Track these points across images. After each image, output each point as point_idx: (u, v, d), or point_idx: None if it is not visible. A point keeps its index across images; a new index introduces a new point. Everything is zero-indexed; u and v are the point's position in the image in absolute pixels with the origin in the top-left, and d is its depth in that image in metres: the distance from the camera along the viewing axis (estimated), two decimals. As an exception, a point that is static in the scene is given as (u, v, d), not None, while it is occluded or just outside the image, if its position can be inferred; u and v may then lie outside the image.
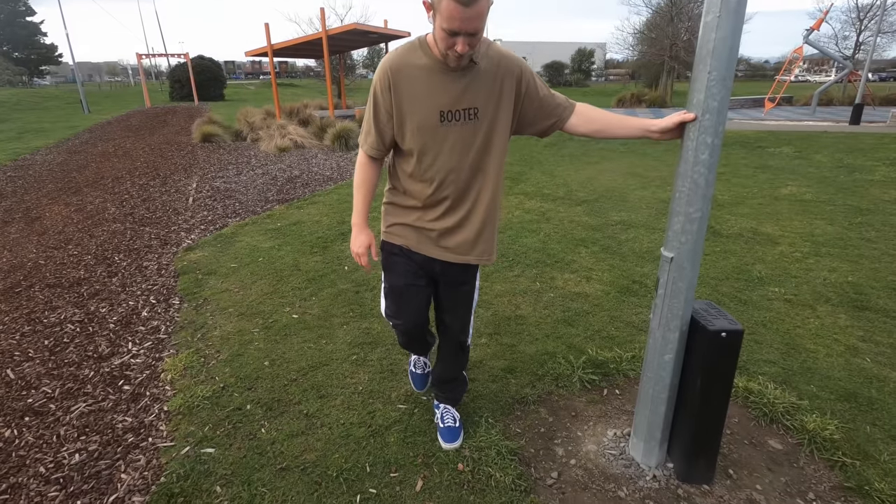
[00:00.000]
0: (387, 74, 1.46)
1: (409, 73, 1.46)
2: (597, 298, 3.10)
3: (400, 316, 1.79)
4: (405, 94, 1.47)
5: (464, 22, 1.28)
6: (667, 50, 21.46)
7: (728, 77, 1.35)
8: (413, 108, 1.48)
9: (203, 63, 25.85)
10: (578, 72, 40.56)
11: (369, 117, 1.55)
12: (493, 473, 1.74)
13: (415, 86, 1.47)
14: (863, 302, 2.99)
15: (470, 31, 1.30)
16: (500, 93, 1.50)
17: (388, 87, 1.47)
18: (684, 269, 1.52)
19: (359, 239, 1.69)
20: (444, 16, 1.28)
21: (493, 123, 1.53)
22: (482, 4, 1.28)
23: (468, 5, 1.25)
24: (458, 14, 1.26)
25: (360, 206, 1.67)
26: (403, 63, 1.46)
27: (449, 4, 1.25)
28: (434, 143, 1.52)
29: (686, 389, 1.66)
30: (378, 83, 1.49)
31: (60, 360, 2.57)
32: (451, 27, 1.29)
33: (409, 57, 1.46)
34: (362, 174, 1.64)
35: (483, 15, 1.30)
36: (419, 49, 1.46)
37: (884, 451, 1.83)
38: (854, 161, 7.28)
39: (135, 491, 1.72)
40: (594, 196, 5.62)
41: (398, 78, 1.46)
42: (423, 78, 1.46)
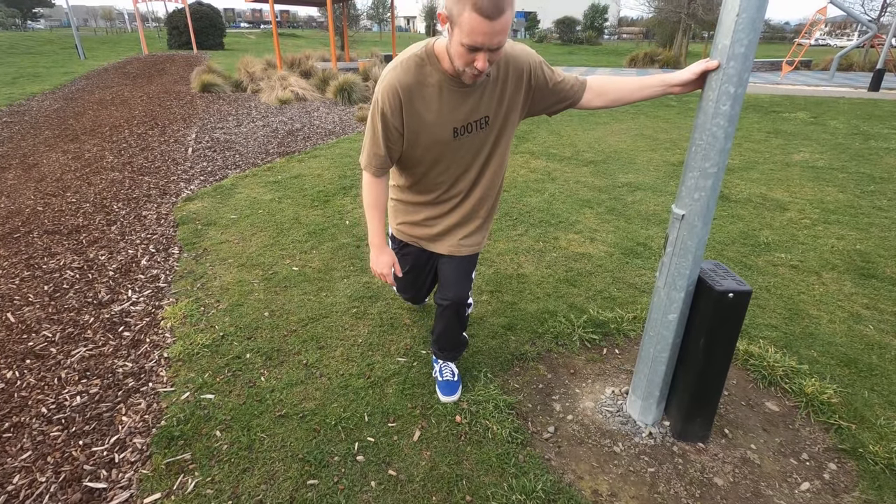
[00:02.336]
0: (397, 95, 1.35)
1: (420, 92, 1.36)
2: (600, 259, 3.06)
3: (408, 292, 2.10)
4: (417, 115, 1.39)
5: (487, 36, 1.15)
6: (684, 7, 20.55)
7: (758, 20, 1.26)
8: (426, 129, 1.42)
9: (201, 10, 24.87)
10: (591, 29, 39.03)
11: (375, 138, 1.44)
12: (491, 426, 1.76)
13: (427, 105, 1.38)
14: (869, 270, 2.96)
15: (494, 45, 1.18)
16: (510, 97, 1.44)
17: (398, 107, 1.37)
18: (695, 228, 1.47)
19: (380, 260, 1.63)
20: (466, 30, 1.15)
21: (503, 126, 1.50)
22: (508, 16, 1.15)
23: (494, 18, 1.12)
24: (482, 28, 1.14)
25: (377, 226, 1.59)
26: (413, 82, 1.35)
27: (472, 17, 1.12)
28: (445, 156, 1.49)
29: (688, 349, 1.64)
30: (387, 103, 1.36)
31: (60, 306, 2.57)
32: (474, 42, 1.16)
33: (418, 74, 1.35)
34: (373, 194, 1.55)
35: (508, 28, 1.18)
36: (427, 64, 1.35)
37: (880, 415, 1.84)
38: (870, 129, 7.09)
39: (136, 433, 1.74)
40: (602, 157, 5.50)
41: (409, 98, 1.36)
42: (435, 97, 1.37)
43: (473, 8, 1.11)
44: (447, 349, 1.94)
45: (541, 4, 47.60)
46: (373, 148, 1.46)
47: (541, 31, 43.14)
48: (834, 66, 14.84)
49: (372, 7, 39.76)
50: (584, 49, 33.29)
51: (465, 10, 1.13)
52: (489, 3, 1.11)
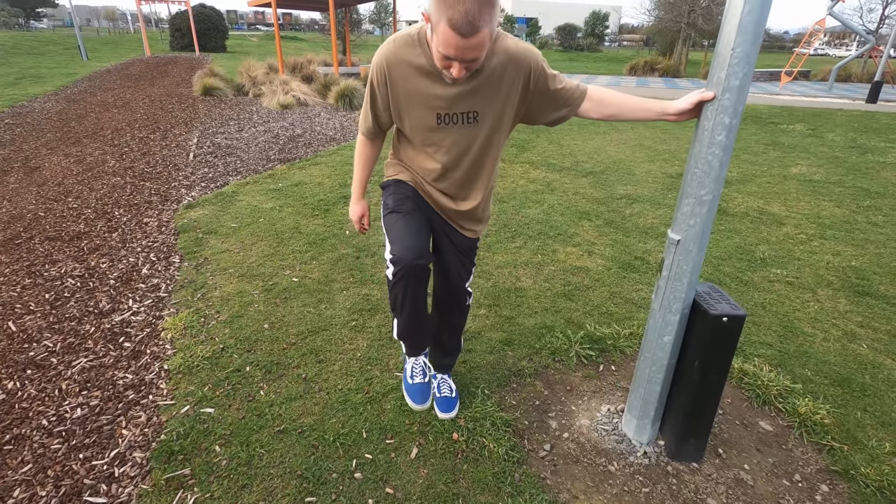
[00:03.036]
0: (382, 69, 1.40)
1: (405, 71, 1.38)
2: (598, 273, 3.09)
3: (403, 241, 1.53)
4: (401, 91, 1.42)
5: (461, 51, 1.17)
6: (684, 16, 20.69)
7: (752, 54, 1.29)
8: (409, 107, 1.44)
9: (204, 12, 24.99)
10: (591, 36, 39.24)
11: (367, 104, 1.53)
12: (487, 444, 1.78)
13: (410, 85, 1.40)
14: (864, 287, 2.99)
15: (468, 59, 1.20)
16: (505, 95, 1.42)
17: (384, 80, 1.42)
18: (690, 253, 1.50)
19: (354, 208, 1.79)
20: (441, 40, 1.17)
21: (495, 125, 1.47)
22: (483, 35, 1.15)
23: (468, 36, 1.14)
24: (455, 43, 1.15)
25: (359, 178, 1.75)
26: (400, 59, 1.38)
27: (446, 31, 1.14)
28: (433, 141, 1.50)
29: (683, 370, 1.66)
30: (375, 75, 1.43)
31: (61, 315, 2.59)
32: (447, 54, 1.19)
33: (407, 53, 1.37)
34: (362, 153, 1.68)
35: (483, 45, 1.18)
36: (417, 45, 1.36)
37: (872, 436, 1.86)
38: (867, 142, 7.14)
39: (136, 447, 1.76)
40: (601, 168, 5.54)
41: (394, 74, 1.39)
42: (419, 78, 1.38)
43: (448, 23, 1.13)
44: (444, 356, 1.96)
45: (542, 11, 47.85)
46: (365, 113, 1.55)
47: (542, 38, 43.32)
48: (832, 77, 14.95)
49: (374, 11, 39.93)
50: (585, 56, 33.45)
51: (441, 20, 1.15)
52: (463, 21, 1.11)
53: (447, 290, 1.83)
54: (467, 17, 1.11)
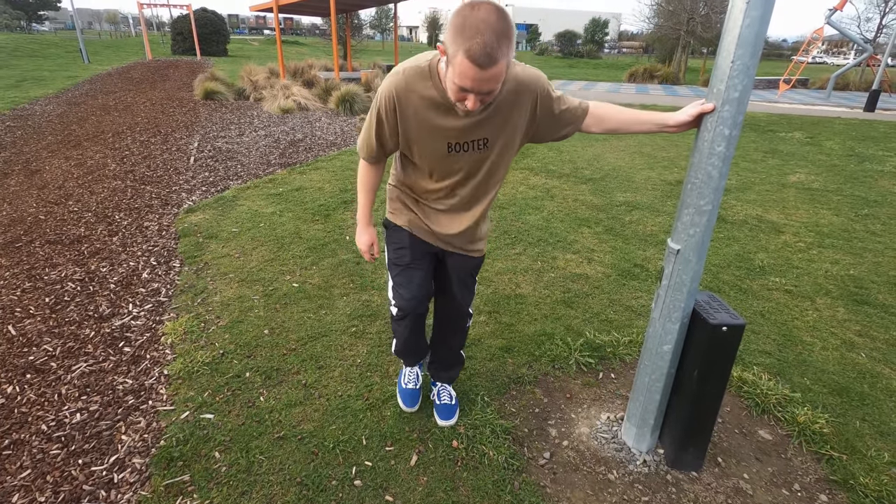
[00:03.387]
0: (392, 98, 1.38)
1: (416, 102, 1.38)
2: (597, 281, 3.10)
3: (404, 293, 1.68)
4: (412, 122, 1.41)
5: (477, 82, 1.17)
6: (683, 24, 20.82)
7: (752, 66, 1.30)
8: (420, 138, 1.44)
9: (206, 15, 25.07)
10: (591, 42, 39.43)
11: (370, 131, 1.48)
12: (487, 451, 1.78)
13: (421, 116, 1.40)
14: (862, 296, 3.00)
15: (484, 91, 1.20)
16: (515, 121, 1.45)
17: (393, 109, 1.40)
18: (690, 262, 1.51)
19: (362, 237, 1.74)
20: (457, 71, 1.17)
21: (504, 149, 1.50)
22: (501, 66, 1.15)
23: (485, 67, 1.13)
24: (472, 74, 1.15)
25: (364, 205, 1.69)
26: (410, 90, 1.36)
27: (463, 62, 1.14)
28: (442, 167, 1.52)
29: (682, 379, 1.67)
30: (383, 104, 1.40)
31: (61, 319, 2.59)
32: (463, 85, 1.19)
33: (417, 84, 1.36)
34: (364, 177, 1.64)
35: (500, 77, 1.18)
36: (428, 77, 1.35)
37: (871, 446, 1.86)
38: (865, 150, 7.18)
39: (135, 453, 1.75)
40: (600, 174, 5.56)
41: (404, 105, 1.38)
42: (431, 110, 1.38)
43: (466, 54, 1.13)
44: (446, 367, 1.97)
45: (542, 17, 48.11)
46: (367, 138, 1.51)
47: (542, 44, 43.53)
48: (830, 86, 15.03)
49: (375, 17, 40.12)
50: (585, 62, 33.60)
51: (458, 52, 1.15)
52: (482, 52, 1.12)
53: (449, 313, 1.84)
54: (485, 48, 1.11)
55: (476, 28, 1.11)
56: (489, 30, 1.11)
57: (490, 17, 1.12)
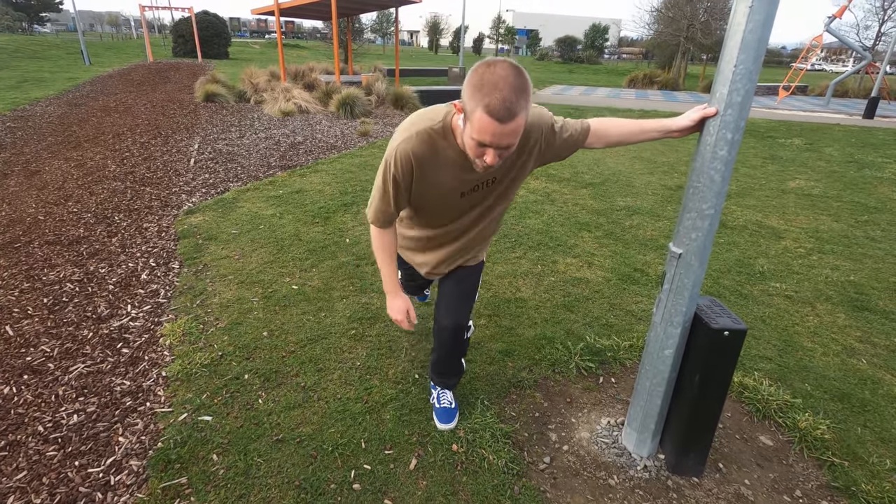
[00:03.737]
0: (410, 163, 1.38)
1: (434, 163, 1.40)
2: (597, 285, 3.09)
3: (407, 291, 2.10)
4: (428, 181, 1.44)
5: (497, 137, 1.18)
6: (683, 31, 20.92)
7: (755, 71, 1.30)
8: (435, 193, 1.49)
9: (207, 18, 25.14)
10: (591, 48, 39.60)
11: (385, 197, 1.47)
12: (487, 456, 1.77)
13: (439, 174, 1.44)
14: (863, 302, 2.99)
15: (503, 145, 1.21)
16: (523, 162, 1.50)
17: (410, 174, 1.41)
18: (692, 266, 1.50)
19: (395, 305, 1.68)
20: (476, 127, 1.18)
21: (510, 184, 1.57)
22: (519, 121, 1.17)
23: (504, 122, 1.14)
24: (491, 129, 1.16)
25: (389, 272, 1.65)
26: (428, 153, 1.38)
27: (482, 117, 1.15)
28: (449, 211, 1.58)
29: (683, 384, 1.66)
30: (399, 170, 1.39)
31: (59, 320, 2.57)
32: (482, 140, 1.20)
33: (434, 145, 1.38)
34: (383, 243, 1.60)
35: (519, 131, 1.20)
36: (443, 136, 1.37)
37: (873, 453, 1.85)
38: (864, 157, 7.20)
39: (132, 455, 1.74)
40: (600, 179, 5.56)
41: (422, 167, 1.40)
42: (448, 167, 1.42)
43: (485, 109, 1.14)
44: (445, 375, 1.95)
45: (542, 23, 48.30)
46: (381, 205, 1.49)
47: (542, 49, 43.68)
48: (829, 93, 15.09)
49: (376, 21, 40.27)
50: (584, 68, 33.73)
51: (477, 108, 1.16)
52: (501, 107, 1.13)
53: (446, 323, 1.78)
54: (505, 103, 1.13)
55: (494, 84, 1.13)
56: (507, 86, 1.13)
57: (508, 74, 1.14)
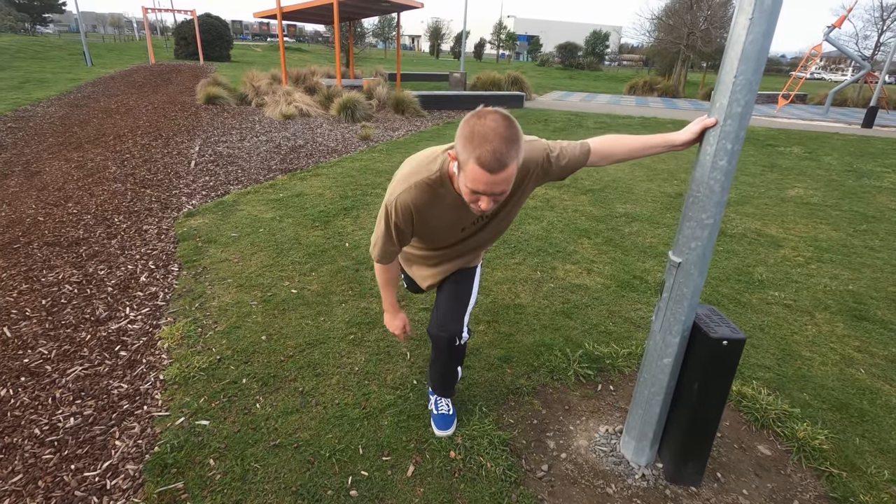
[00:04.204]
0: (410, 213, 1.44)
1: (433, 208, 1.46)
2: (596, 292, 3.09)
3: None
4: (430, 223, 1.51)
5: (489, 186, 1.22)
6: (683, 38, 21.02)
7: (755, 81, 1.31)
8: (436, 231, 1.56)
9: (210, 21, 25.24)
10: (592, 54, 39.78)
11: (388, 239, 1.53)
12: (485, 463, 1.76)
13: (439, 218, 1.50)
14: (861, 312, 2.99)
15: (496, 193, 1.25)
16: (520, 195, 1.54)
17: (410, 220, 1.47)
18: (691, 276, 1.50)
19: (394, 323, 1.85)
20: (469, 177, 1.22)
21: (508, 214, 1.61)
22: (510, 170, 1.20)
23: (494, 172, 1.18)
24: (484, 179, 1.20)
25: (390, 298, 1.80)
26: (428, 201, 1.43)
27: (475, 169, 1.19)
28: (450, 239, 1.64)
29: (682, 393, 1.66)
30: (400, 218, 1.45)
31: (57, 321, 2.57)
32: (476, 189, 1.24)
33: (432, 193, 1.42)
34: (385, 275, 1.71)
35: (510, 179, 1.23)
36: (441, 185, 1.42)
37: (871, 463, 1.85)
38: (863, 166, 7.22)
39: (129, 459, 1.73)
40: (600, 185, 5.57)
41: (422, 214, 1.46)
42: (448, 211, 1.48)
43: (477, 161, 1.18)
44: (442, 383, 1.94)
45: (544, 29, 48.52)
46: (385, 246, 1.56)
47: (543, 55, 43.87)
48: (828, 102, 15.15)
49: (378, 25, 40.43)
50: (585, 74, 33.86)
51: (469, 159, 1.20)
52: (492, 159, 1.17)
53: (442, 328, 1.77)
54: (495, 154, 1.16)
55: (484, 136, 1.16)
56: (497, 137, 1.16)
57: (498, 125, 1.17)
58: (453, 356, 1.82)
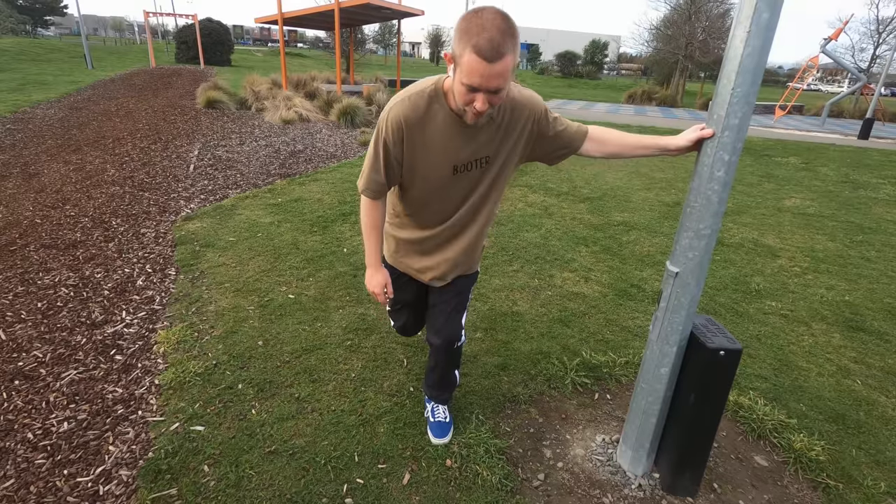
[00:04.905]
0: (400, 128, 1.39)
1: (424, 128, 1.40)
2: (594, 300, 3.09)
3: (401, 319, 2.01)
4: (419, 148, 1.43)
5: (485, 79, 1.20)
6: (682, 49, 21.19)
7: (752, 94, 1.32)
8: (425, 163, 1.46)
9: (211, 26, 25.32)
10: (591, 63, 40.05)
11: (375, 164, 1.47)
12: (481, 472, 1.75)
13: (429, 141, 1.42)
14: (858, 323, 3.00)
15: (492, 88, 1.23)
16: (514, 140, 1.49)
17: (400, 140, 1.41)
18: (688, 285, 1.51)
19: (374, 279, 1.69)
20: (465, 70, 1.20)
21: (502, 168, 1.54)
22: (507, 62, 1.19)
23: (492, 61, 1.17)
24: (480, 70, 1.19)
25: (373, 248, 1.65)
26: (419, 117, 1.39)
27: (471, 59, 1.18)
28: (440, 192, 1.54)
29: (679, 402, 1.66)
30: (390, 135, 1.41)
31: (53, 325, 2.56)
32: (472, 83, 1.22)
33: (425, 110, 1.39)
34: (370, 216, 1.59)
35: (507, 73, 1.22)
36: (435, 101, 1.39)
37: (867, 475, 1.85)
38: (860, 177, 7.26)
39: (122, 464, 1.72)
40: (598, 194, 5.59)
41: (412, 132, 1.40)
42: (439, 134, 1.41)
43: (473, 50, 1.17)
44: (437, 390, 1.94)
45: (543, 37, 48.84)
46: (372, 174, 1.48)
47: (542, 64, 44.13)
48: (825, 113, 15.26)
49: (378, 32, 40.65)
50: (584, 83, 34.05)
51: (465, 50, 1.19)
52: (488, 46, 1.16)
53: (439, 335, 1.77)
54: (492, 42, 1.16)
55: (481, 26, 1.16)
56: (494, 27, 1.16)
57: (495, 17, 1.17)
58: (451, 359, 1.83)
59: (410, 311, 1.95)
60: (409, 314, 1.97)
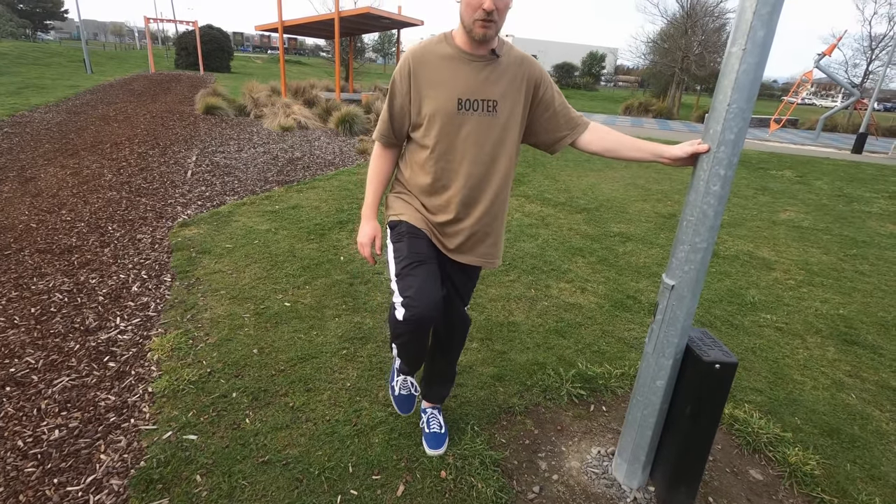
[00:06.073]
0: (408, 62, 1.50)
1: (431, 60, 1.49)
2: (590, 311, 3.10)
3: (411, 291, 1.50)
4: (424, 79, 1.50)
5: None
6: (678, 62, 21.42)
7: (748, 109, 1.34)
8: (431, 94, 1.49)
9: (211, 32, 25.46)
10: (588, 75, 40.44)
11: (385, 111, 1.57)
12: (476, 484, 1.74)
13: (435, 72, 1.49)
14: (852, 336, 3.01)
15: None
16: (517, 91, 1.52)
17: (407, 73, 1.50)
18: (684, 299, 1.51)
19: (364, 230, 1.65)
20: None
21: (509, 120, 1.53)
22: None
23: None
24: None
25: (371, 196, 1.67)
26: (426, 52, 1.50)
27: None
28: (450, 132, 1.49)
29: (674, 415, 1.66)
30: (398, 71, 1.51)
31: (46, 331, 2.54)
32: None
33: (432, 47, 1.50)
34: (376, 164, 1.66)
35: None
36: (443, 41, 1.50)
37: (862, 490, 1.85)
38: (853, 191, 7.33)
39: (113, 473, 1.70)
40: (595, 204, 5.62)
41: (419, 65, 1.49)
42: (444, 65, 1.49)
43: None
44: (441, 383, 1.93)
45: (542, 49, 49.28)
46: (383, 117, 1.57)
47: (540, 74, 44.34)
48: (819, 127, 15.42)
49: (378, 41, 40.92)
50: (582, 94, 34.34)
51: None
52: None
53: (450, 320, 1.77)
54: None
55: None
56: None
57: None
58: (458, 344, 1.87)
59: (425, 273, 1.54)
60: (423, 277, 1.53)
